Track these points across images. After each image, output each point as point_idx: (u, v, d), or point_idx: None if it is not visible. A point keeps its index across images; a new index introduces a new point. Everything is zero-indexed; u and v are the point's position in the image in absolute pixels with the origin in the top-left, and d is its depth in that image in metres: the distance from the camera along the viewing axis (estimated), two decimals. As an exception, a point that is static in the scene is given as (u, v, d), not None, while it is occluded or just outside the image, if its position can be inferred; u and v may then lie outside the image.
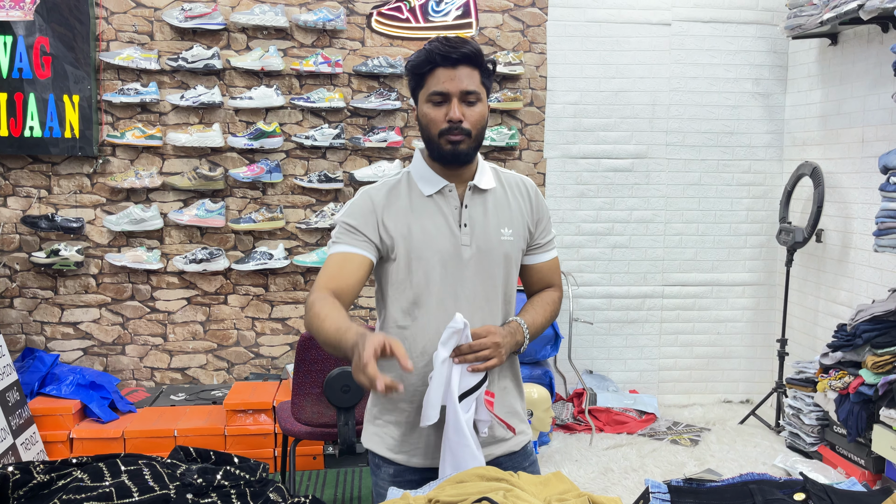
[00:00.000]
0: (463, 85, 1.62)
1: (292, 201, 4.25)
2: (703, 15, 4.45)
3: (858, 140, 3.91)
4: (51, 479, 1.27)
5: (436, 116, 1.64)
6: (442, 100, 1.63)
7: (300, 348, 2.83)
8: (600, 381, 4.54)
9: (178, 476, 1.31)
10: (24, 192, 4.07)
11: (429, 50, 1.63)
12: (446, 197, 1.71)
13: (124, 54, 4.00)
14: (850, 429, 3.39)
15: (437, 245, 1.68)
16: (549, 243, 1.84)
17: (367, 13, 4.22)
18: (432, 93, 1.63)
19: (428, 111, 1.65)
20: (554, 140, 4.44)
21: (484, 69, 1.66)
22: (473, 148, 1.67)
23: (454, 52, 1.60)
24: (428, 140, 1.68)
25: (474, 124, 1.64)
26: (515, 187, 1.80)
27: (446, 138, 1.64)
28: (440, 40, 1.63)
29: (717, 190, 4.57)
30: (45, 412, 3.61)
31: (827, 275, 4.19)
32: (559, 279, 1.88)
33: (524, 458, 1.81)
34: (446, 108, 1.63)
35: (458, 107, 1.62)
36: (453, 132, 1.63)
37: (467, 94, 1.63)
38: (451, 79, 1.61)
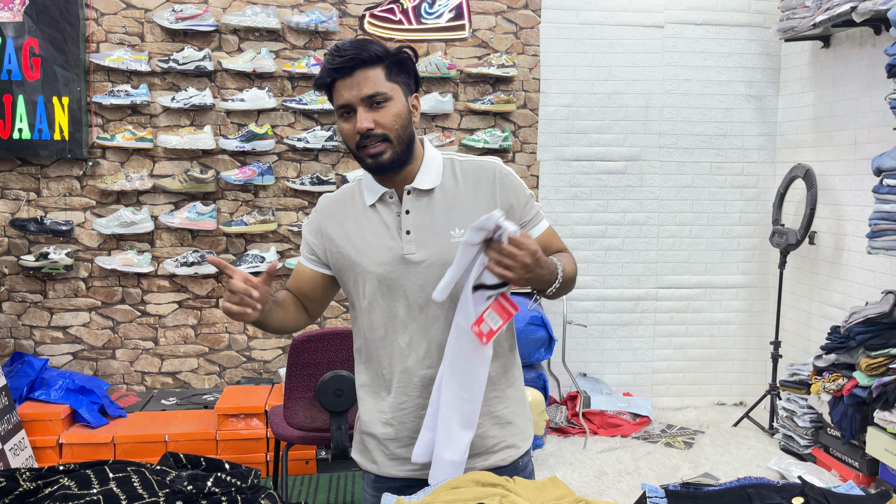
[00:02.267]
0: (363, 90, 1.51)
1: (284, 204, 4.22)
2: (696, 17, 4.46)
3: (851, 142, 3.92)
4: (37, 486, 1.25)
5: (348, 130, 1.55)
6: (347, 111, 1.54)
7: (292, 352, 2.81)
8: (594, 384, 4.52)
9: (168, 483, 1.29)
10: (12, 195, 4.03)
11: (323, 66, 1.55)
12: (387, 204, 1.62)
13: (114, 56, 3.97)
14: (844, 431, 3.39)
15: (377, 257, 1.60)
16: (534, 219, 1.67)
17: (359, 15, 4.20)
18: (338, 107, 1.55)
19: (341, 126, 1.57)
20: (547, 142, 4.43)
21: (388, 65, 1.54)
22: (400, 151, 1.56)
23: (346, 62, 1.51)
24: (355, 157, 1.60)
25: (390, 125, 1.53)
26: (474, 177, 1.64)
27: (365, 151, 1.54)
28: (331, 51, 1.53)
29: (711, 192, 4.57)
30: (34, 417, 3.57)
31: (820, 277, 4.19)
32: (561, 244, 1.72)
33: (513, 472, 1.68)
34: (354, 119, 1.53)
35: (364, 115, 1.51)
36: (368, 144, 1.53)
37: (371, 98, 1.51)
38: (350, 87, 1.52)
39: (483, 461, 1.64)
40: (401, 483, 1.67)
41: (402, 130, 1.55)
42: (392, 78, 1.54)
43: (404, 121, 1.55)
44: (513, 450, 1.68)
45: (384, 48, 1.54)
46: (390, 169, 1.56)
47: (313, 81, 1.64)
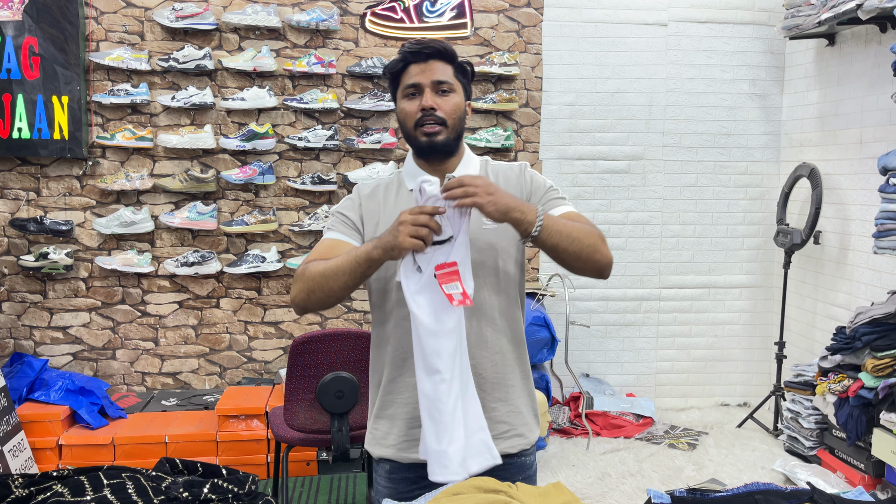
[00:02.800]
0: (434, 76, 1.65)
1: (285, 203, 4.20)
2: (700, 15, 4.42)
3: (856, 141, 3.88)
4: (30, 493, 1.22)
5: (410, 109, 1.67)
6: (415, 91, 1.67)
7: (293, 353, 2.78)
8: (597, 385, 4.49)
9: (164, 490, 1.26)
10: (12, 195, 4.01)
11: (401, 50, 1.69)
12: None
13: (114, 55, 3.94)
14: (850, 433, 3.36)
15: None
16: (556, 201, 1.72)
17: (360, 13, 4.17)
18: (406, 86, 1.67)
19: (403, 105, 1.68)
20: (550, 141, 4.40)
21: (458, 66, 1.70)
22: (452, 139, 1.68)
23: (425, 49, 1.66)
24: (407, 136, 1.71)
25: (449, 113, 1.66)
26: (503, 175, 1.77)
27: (421, 130, 1.65)
28: (410, 42, 1.70)
29: (714, 192, 4.54)
30: (34, 418, 3.55)
31: (825, 277, 4.16)
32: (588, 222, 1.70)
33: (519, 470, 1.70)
34: (419, 99, 1.65)
35: (431, 96, 1.64)
36: (427, 122, 1.64)
37: (440, 84, 1.66)
38: (423, 71, 1.66)
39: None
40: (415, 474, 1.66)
41: (457, 121, 1.68)
42: (457, 77, 1.70)
43: (460, 114, 1.69)
44: (521, 439, 1.71)
45: (455, 52, 1.71)
46: (441, 150, 1.67)
47: (386, 69, 1.73)
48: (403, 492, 1.67)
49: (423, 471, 1.55)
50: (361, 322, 4.31)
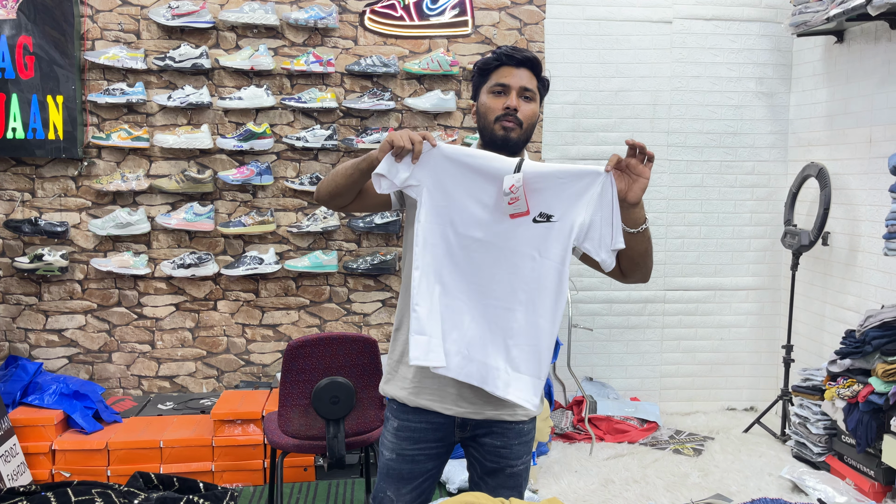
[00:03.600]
0: (523, 82, 1.85)
1: (283, 204, 4.13)
2: (705, 12, 4.34)
3: (866, 140, 3.79)
4: (-8, 511, 1.15)
5: (494, 105, 1.85)
6: (502, 91, 1.85)
7: (287, 357, 2.72)
8: (600, 389, 4.41)
9: (135, 506, 1.19)
10: (6, 196, 3.96)
11: (497, 51, 1.88)
12: None
13: (110, 53, 3.89)
14: (860, 439, 3.27)
15: None
16: None
17: (359, 11, 4.10)
18: (495, 84, 1.86)
19: (488, 101, 1.87)
20: (552, 141, 4.33)
21: (541, 79, 1.90)
22: (522, 140, 1.87)
23: (519, 55, 1.85)
24: (483, 128, 1.89)
25: (527, 118, 1.86)
26: None
27: (501, 123, 1.84)
28: (507, 47, 1.89)
29: (720, 192, 4.46)
30: (27, 423, 3.48)
31: (834, 279, 4.07)
32: None
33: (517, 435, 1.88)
34: (504, 98, 1.84)
35: (516, 98, 1.83)
36: (507, 118, 1.83)
37: (525, 90, 1.85)
38: (513, 75, 1.85)
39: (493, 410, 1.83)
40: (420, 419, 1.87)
41: (530, 126, 1.89)
42: (539, 89, 1.90)
43: (534, 120, 1.90)
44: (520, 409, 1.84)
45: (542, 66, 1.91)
46: (512, 147, 1.86)
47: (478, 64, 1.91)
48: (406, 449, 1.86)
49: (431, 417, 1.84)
50: (361, 325, 4.25)
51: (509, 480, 1.88)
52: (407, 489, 1.87)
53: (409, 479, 1.87)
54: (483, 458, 1.88)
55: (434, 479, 1.92)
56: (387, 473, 1.89)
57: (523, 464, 1.90)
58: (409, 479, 1.87)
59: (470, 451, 1.91)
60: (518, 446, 1.87)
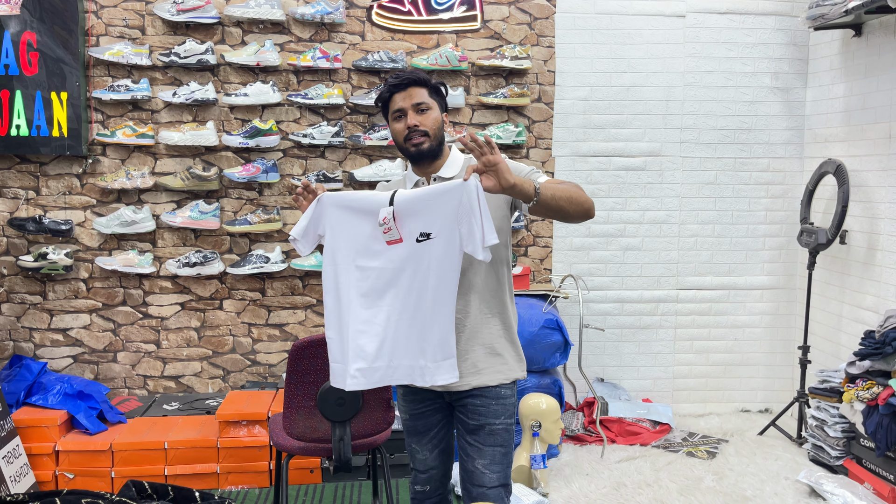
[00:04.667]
0: (414, 99, 2.12)
1: (290, 202, 4.08)
2: (719, 6, 4.25)
3: (885, 136, 3.70)
4: (-25, 523, 1.10)
5: (399, 128, 2.14)
6: (401, 114, 2.13)
7: (292, 358, 2.66)
8: (612, 390, 4.34)
9: (127, 518, 1.13)
10: (10, 194, 3.92)
11: (386, 84, 2.15)
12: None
13: (114, 49, 3.84)
14: (879, 442, 3.19)
15: None
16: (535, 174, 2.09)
17: (367, 6, 4.04)
18: (393, 112, 2.14)
19: (394, 126, 2.15)
20: (563, 137, 4.25)
21: (431, 88, 2.15)
22: (436, 145, 2.14)
23: (403, 80, 2.11)
24: (400, 150, 2.18)
25: (430, 126, 2.12)
26: None
27: (410, 142, 2.12)
28: (391, 77, 2.14)
29: (734, 189, 4.37)
30: (30, 423, 3.45)
31: (852, 278, 3.98)
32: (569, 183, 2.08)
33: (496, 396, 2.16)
34: (405, 120, 2.12)
35: (413, 115, 2.11)
36: (413, 136, 2.11)
37: (418, 105, 2.12)
38: (404, 98, 2.12)
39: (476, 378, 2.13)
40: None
41: (437, 131, 2.15)
42: (432, 97, 2.16)
43: (439, 125, 2.15)
44: (499, 374, 2.16)
45: (428, 78, 2.16)
46: (427, 156, 2.14)
47: (376, 101, 2.20)
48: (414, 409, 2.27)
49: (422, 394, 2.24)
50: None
51: (489, 438, 2.16)
52: (426, 439, 2.29)
53: (425, 432, 2.28)
54: (466, 418, 2.18)
55: (447, 427, 2.29)
56: (408, 431, 2.32)
57: (502, 424, 2.18)
58: (425, 432, 2.28)
59: (457, 413, 2.22)
60: (496, 406, 2.16)
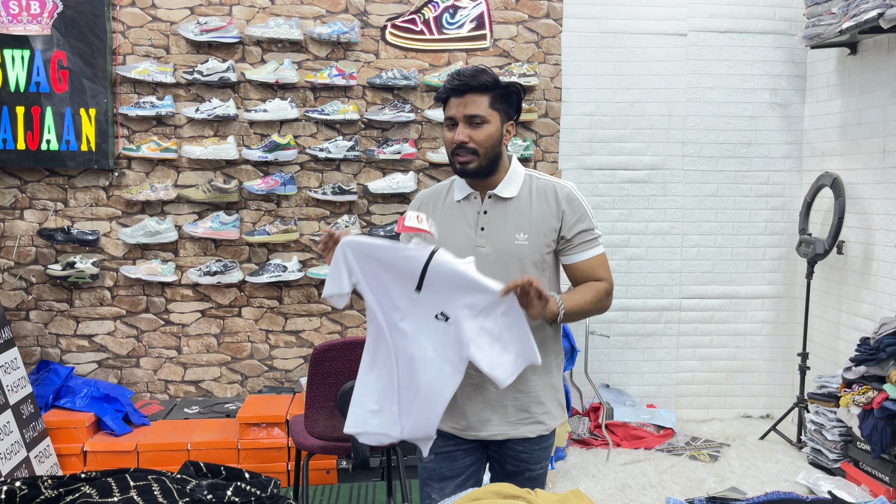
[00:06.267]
0: (467, 110, 1.87)
1: (306, 213, 4.24)
2: (720, 25, 4.42)
3: (880, 150, 3.85)
4: (58, 494, 1.25)
5: (449, 139, 1.92)
6: (452, 123, 1.91)
7: (314, 361, 2.81)
8: (617, 396, 4.47)
9: (188, 492, 1.28)
10: (40, 205, 4.09)
11: (444, 84, 1.92)
12: (471, 203, 1.97)
13: (140, 68, 4.02)
14: (875, 445, 3.31)
15: (453, 244, 1.89)
16: (587, 244, 1.94)
17: (381, 25, 4.22)
18: (446, 118, 1.93)
19: (445, 134, 1.94)
20: (569, 151, 4.41)
21: (496, 94, 1.89)
22: (486, 164, 1.90)
23: (461, 85, 1.87)
24: (449, 159, 1.95)
25: (481, 143, 1.88)
26: (543, 194, 1.95)
27: (455, 158, 1.90)
28: (453, 73, 1.90)
29: (735, 201, 4.52)
30: (59, 425, 3.61)
31: (849, 287, 4.11)
32: (604, 273, 1.96)
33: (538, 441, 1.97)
34: (455, 131, 1.89)
35: (463, 130, 1.87)
36: (460, 153, 1.89)
37: (472, 118, 1.87)
38: (458, 106, 1.88)
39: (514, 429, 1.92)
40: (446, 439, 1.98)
41: (490, 149, 1.89)
42: (494, 105, 1.89)
43: (494, 141, 1.90)
44: (540, 426, 1.95)
45: (495, 79, 1.88)
46: (473, 176, 1.92)
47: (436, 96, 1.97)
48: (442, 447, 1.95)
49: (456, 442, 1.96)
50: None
51: (527, 483, 1.96)
52: (451, 487, 1.93)
53: (451, 477, 1.93)
54: (505, 461, 1.98)
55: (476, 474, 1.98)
56: (429, 475, 1.96)
57: (542, 468, 2.00)
58: (451, 477, 1.93)
59: (492, 454, 2.00)
60: (539, 451, 1.98)
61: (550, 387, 1.98)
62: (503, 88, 1.90)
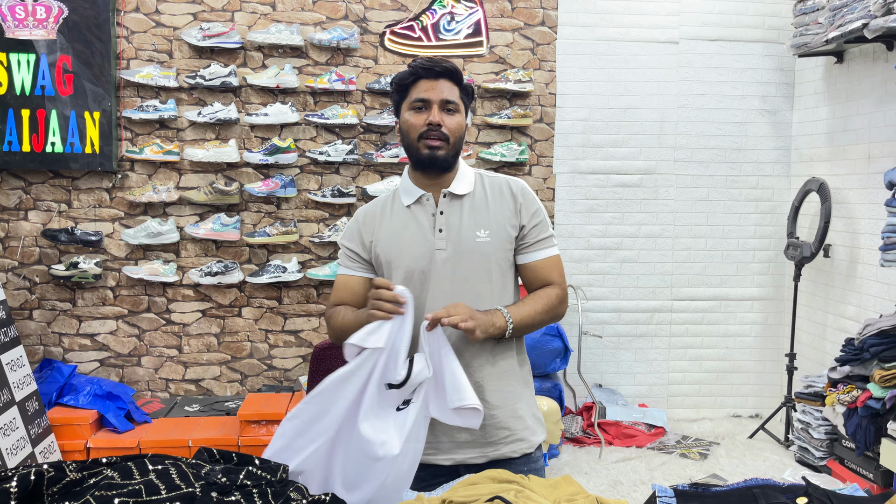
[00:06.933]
0: (444, 94, 1.76)
1: (306, 215, 4.33)
2: (711, 33, 4.52)
3: (865, 156, 3.95)
4: (82, 476, 1.33)
5: (416, 122, 1.77)
6: (423, 106, 1.77)
7: (314, 359, 2.89)
8: (609, 395, 4.56)
9: (203, 475, 1.37)
10: (44, 206, 4.17)
11: (413, 65, 1.79)
12: (423, 205, 1.83)
13: (144, 72, 4.10)
14: (859, 443, 3.41)
15: (411, 251, 1.80)
16: (542, 242, 1.85)
17: (380, 32, 4.31)
18: (415, 100, 1.77)
19: (409, 118, 1.79)
20: (563, 156, 4.51)
21: (463, 87, 1.81)
22: (452, 155, 1.79)
23: (436, 66, 1.77)
24: (408, 146, 1.81)
25: (453, 131, 1.78)
26: (498, 189, 1.86)
27: (425, 142, 1.76)
28: (422, 59, 1.81)
29: (725, 205, 4.62)
30: (63, 422, 3.68)
31: (835, 289, 4.22)
32: (558, 277, 1.87)
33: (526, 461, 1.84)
34: (426, 113, 1.76)
35: (438, 113, 1.76)
36: (431, 136, 1.75)
37: (447, 103, 1.77)
38: (433, 88, 1.76)
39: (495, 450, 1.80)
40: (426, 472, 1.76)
41: (458, 140, 1.80)
42: (462, 98, 1.81)
43: (462, 132, 1.81)
44: (523, 443, 1.83)
45: (462, 74, 1.82)
46: (441, 165, 1.79)
47: (392, 80, 1.84)
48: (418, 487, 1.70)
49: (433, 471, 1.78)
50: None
51: None
52: None
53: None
54: None
55: None
56: None
57: None
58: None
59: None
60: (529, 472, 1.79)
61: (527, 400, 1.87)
62: (468, 86, 1.84)
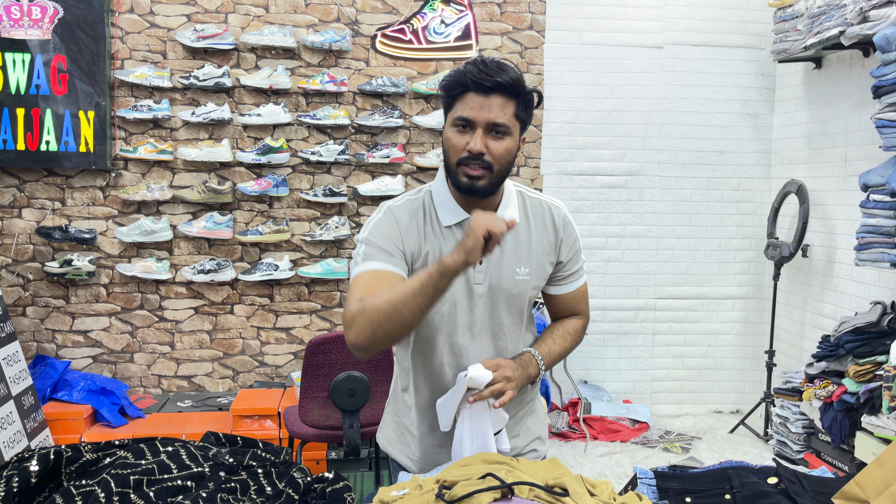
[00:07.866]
0: (491, 115, 1.50)
1: (298, 214, 4.40)
2: (694, 39, 4.64)
3: (842, 159, 4.08)
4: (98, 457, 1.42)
5: (457, 143, 1.53)
6: (465, 125, 1.52)
7: (308, 353, 2.97)
8: (595, 391, 4.66)
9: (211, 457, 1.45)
10: (38, 204, 4.21)
11: (462, 72, 1.52)
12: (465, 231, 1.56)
13: (138, 72, 4.16)
14: (834, 436, 3.52)
15: None
16: (575, 273, 1.77)
17: (371, 34, 4.39)
18: (458, 118, 1.52)
19: (450, 136, 1.54)
20: (550, 157, 4.61)
21: (521, 101, 1.54)
22: (493, 184, 1.56)
23: (488, 80, 1.49)
24: (447, 166, 1.58)
25: (498, 158, 1.52)
26: (541, 219, 1.70)
27: (463, 169, 1.53)
28: (476, 62, 1.52)
29: (708, 206, 4.74)
30: (58, 416, 3.73)
31: (813, 288, 4.34)
32: (585, 307, 1.82)
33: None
34: (469, 136, 1.51)
35: (482, 138, 1.50)
36: (471, 164, 1.52)
37: (495, 126, 1.51)
38: (481, 107, 1.50)
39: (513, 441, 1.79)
40: None
41: (505, 166, 1.55)
42: (518, 114, 1.54)
43: (511, 157, 1.56)
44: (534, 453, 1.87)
45: (523, 82, 1.53)
46: (479, 195, 1.56)
47: (441, 83, 1.58)
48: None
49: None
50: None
51: None
52: None
53: None
54: None
55: None
56: None
57: None
58: None
59: None
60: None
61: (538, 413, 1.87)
62: (528, 94, 1.55)
